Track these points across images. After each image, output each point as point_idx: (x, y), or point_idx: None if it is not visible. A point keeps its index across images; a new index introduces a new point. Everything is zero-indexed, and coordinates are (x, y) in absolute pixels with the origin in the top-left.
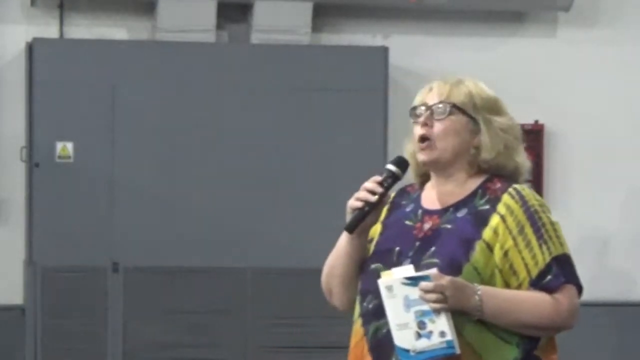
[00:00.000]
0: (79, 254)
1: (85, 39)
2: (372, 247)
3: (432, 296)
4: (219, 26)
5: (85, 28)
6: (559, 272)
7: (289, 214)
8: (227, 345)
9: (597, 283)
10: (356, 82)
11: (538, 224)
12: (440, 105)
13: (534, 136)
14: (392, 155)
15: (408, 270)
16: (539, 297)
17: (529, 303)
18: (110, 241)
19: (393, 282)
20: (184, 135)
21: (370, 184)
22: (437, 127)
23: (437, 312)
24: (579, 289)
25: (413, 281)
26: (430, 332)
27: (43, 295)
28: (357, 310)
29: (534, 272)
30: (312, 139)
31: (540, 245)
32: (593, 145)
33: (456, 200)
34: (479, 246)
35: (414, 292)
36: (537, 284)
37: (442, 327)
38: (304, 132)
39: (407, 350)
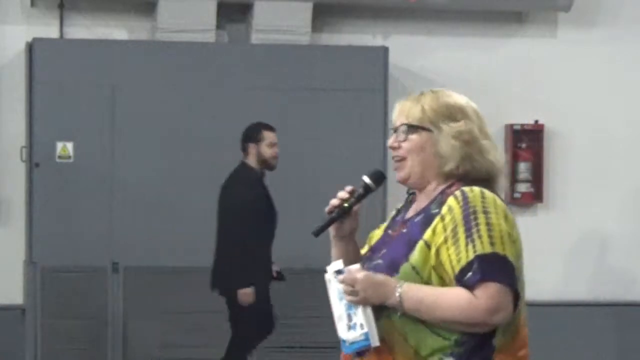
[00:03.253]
0: (79, 254)
1: (85, 39)
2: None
3: (345, 288)
4: (219, 26)
5: (85, 28)
6: (479, 269)
7: (289, 213)
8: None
9: (596, 283)
10: (356, 82)
11: (471, 223)
12: (402, 127)
13: (534, 136)
14: (391, 155)
15: (338, 263)
16: (457, 294)
17: (447, 299)
18: (110, 241)
19: (329, 275)
20: (183, 135)
21: (341, 192)
22: (403, 147)
23: (355, 305)
24: (513, 291)
25: (338, 275)
26: (355, 324)
27: (43, 295)
28: None
29: (457, 269)
30: (312, 139)
31: (467, 244)
32: (593, 145)
33: (422, 207)
34: (419, 246)
35: (339, 285)
36: (459, 280)
37: (360, 320)
38: (304, 131)
39: (345, 341)
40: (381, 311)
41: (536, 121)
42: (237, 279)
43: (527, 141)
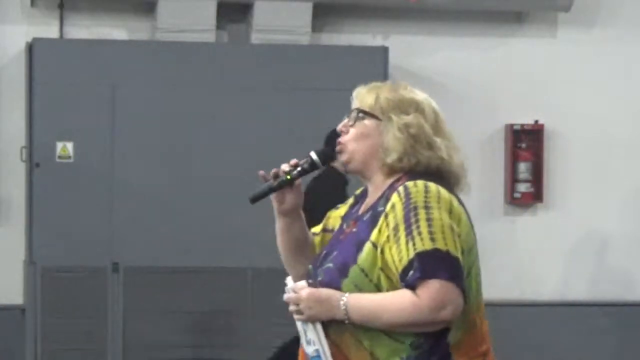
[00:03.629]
0: (79, 254)
1: (85, 39)
2: (326, 239)
3: (291, 308)
4: (219, 26)
5: (85, 28)
6: (419, 268)
7: None
8: (227, 345)
9: (596, 283)
10: (356, 82)
11: (411, 220)
12: (353, 114)
13: (534, 136)
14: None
15: (289, 279)
16: (400, 296)
17: (391, 304)
18: (110, 241)
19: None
20: (183, 135)
21: (285, 164)
22: (350, 132)
23: (305, 323)
24: (459, 285)
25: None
26: (310, 340)
27: (43, 295)
28: None
29: (400, 269)
30: (312, 139)
31: (407, 242)
32: (593, 145)
33: (371, 204)
34: (366, 247)
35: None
36: (403, 280)
37: (312, 336)
38: (304, 131)
39: (307, 354)
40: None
41: (536, 121)
42: None
43: (527, 141)
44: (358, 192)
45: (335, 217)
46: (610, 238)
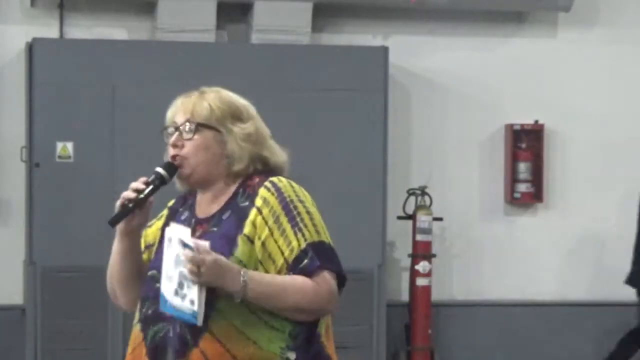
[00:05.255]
0: (79, 254)
1: (85, 39)
2: (152, 253)
3: (189, 266)
4: (219, 26)
5: (85, 28)
6: (316, 257)
7: None
8: None
9: (596, 283)
10: (356, 82)
11: (293, 212)
12: (187, 125)
13: (534, 136)
14: (392, 155)
15: (186, 233)
16: (301, 281)
17: (292, 286)
18: (110, 241)
19: (173, 236)
20: None
21: (136, 183)
22: (187, 146)
23: (190, 279)
24: (341, 278)
25: (185, 245)
26: (185, 295)
27: (43, 295)
28: (137, 315)
29: (290, 258)
30: (312, 139)
31: (295, 233)
32: (593, 145)
33: (221, 204)
34: (240, 240)
35: (182, 253)
36: (294, 268)
37: (193, 296)
38: (304, 132)
39: (167, 301)
40: (212, 303)
41: (536, 121)
42: None
43: (527, 141)
44: (171, 203)
45: (152, 232)
46: (610, 238)
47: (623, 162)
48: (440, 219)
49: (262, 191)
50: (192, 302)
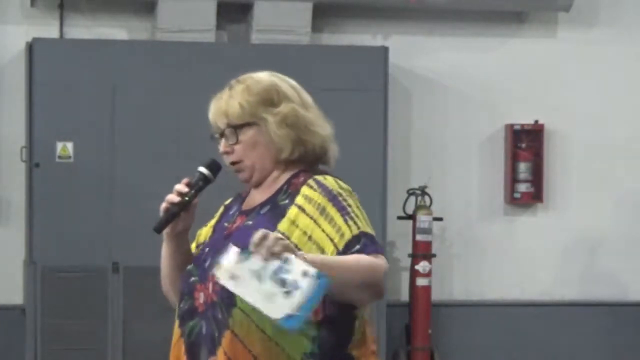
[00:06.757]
0: (79, 254)
1: (85, 39)
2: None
3: (269, 242)
4: (219, 26)
5: (85, 28)
6: (368, 243)
7: None
8: None
9: (596, 283)
10: (356, 82)
11: (342, 204)
12: (228, 132)
13: (534, 136)
14: (392, 155)
15: (233, 251)
16: (357, 255)
17: (350, 259)
18: (110, 241)
19: (231, 269)
20: (184, 135)
21: (179, 185)
22: (236, 150)
23: (284, 260)
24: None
25: (246, 254)
26: (295, 281)
27: (43, 295)
28: (177, 311)
29: (341, 244)
30: None
31: (345, 221)
32: (593, 145)
33: (265, 198)
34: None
35: (255, 262)
36: (345, 253)
37: (300, 269)
38: None
39: (290, 316)
40: (233, 300)
41: (536, 121)
42: None
43: (527, 141)
44: (228, 202)
45: (205, 231)
46: (610, 238)
47: (623, 162)
48: (440, 219)
49: (304, 189)
50: (304, 273)
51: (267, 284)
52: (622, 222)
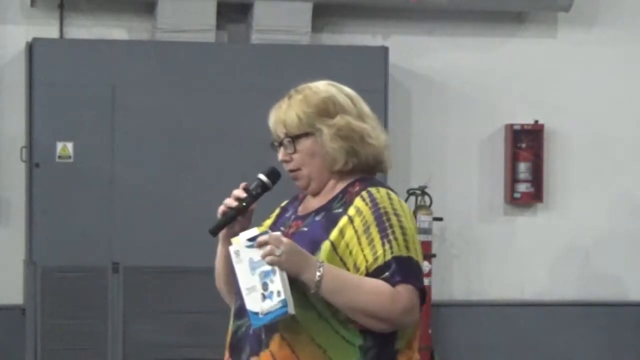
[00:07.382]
0: (79, 254)
1: (85, 39)
2: None
3: (270, 248)
4: (219, 26)
5: (85, 28)
6: (397, 270)
7: None
8: None
9: (596, 283)
10: (356, 82)
11: (385, 224)
12: (286, 142)
13: (534, 136)
14: (392, 155)
15: (252, 231)
16: (379, 283)
17: (369, 286)
18: (110, 241)
19: (239, 246)
20: (184, 135)
21: (237, 190)
22: (294, 159)
23: (273, 271)
24: (422, 294)
25: (253, 243)
26: (272, 293)
27: (43, 295)
28: (232, 309)
29: (372, 267)
30: None
31: (383, 244)
32: (593, 145)
33: (321, 204)
34: (325, 246)
35: (257, 254)
36: (374, 276)
37: (278, 287)
38: None
39: (257, 313)
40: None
41: (536, 121)
42: None
43: (527, 141)
44: (284, 203)
45: (260, 232)
46: (609, 238)
47: (623, 162)
48: (440, 219)
49: (357, 201)
50: (278, 293)
51: (255, 278)
52: (622, 222)
